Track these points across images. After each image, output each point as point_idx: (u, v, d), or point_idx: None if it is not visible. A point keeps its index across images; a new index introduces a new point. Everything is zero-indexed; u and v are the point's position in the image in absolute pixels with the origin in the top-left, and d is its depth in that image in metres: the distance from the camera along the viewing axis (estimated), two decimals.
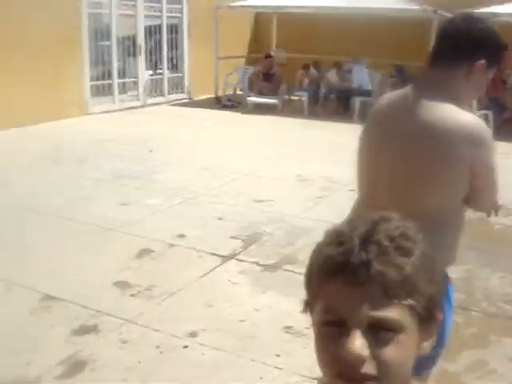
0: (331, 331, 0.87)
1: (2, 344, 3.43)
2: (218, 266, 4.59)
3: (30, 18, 9.71)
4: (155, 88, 13.34)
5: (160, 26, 13.23)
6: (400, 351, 0.85)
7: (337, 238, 0.89)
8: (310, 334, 3.16)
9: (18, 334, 3.55)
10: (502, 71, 11.54)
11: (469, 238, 5.42)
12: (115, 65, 11.97)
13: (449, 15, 11.52)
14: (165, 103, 13.23)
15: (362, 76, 12.22)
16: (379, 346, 0.84)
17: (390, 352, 0.84)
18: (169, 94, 13.62)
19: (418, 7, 11.96)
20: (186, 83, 13.98)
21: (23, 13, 9.61)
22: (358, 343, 0.83)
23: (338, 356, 0.85)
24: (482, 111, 10.81)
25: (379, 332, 0.84)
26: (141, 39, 12.55)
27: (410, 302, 0.85)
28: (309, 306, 0.94)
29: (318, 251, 0.92)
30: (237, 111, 12.49)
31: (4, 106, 9.23)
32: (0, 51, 9.24)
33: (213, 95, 13.47)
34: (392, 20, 12.42)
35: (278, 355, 3.38)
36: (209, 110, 12.49)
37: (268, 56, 13.57)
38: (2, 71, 9.38)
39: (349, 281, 0.85)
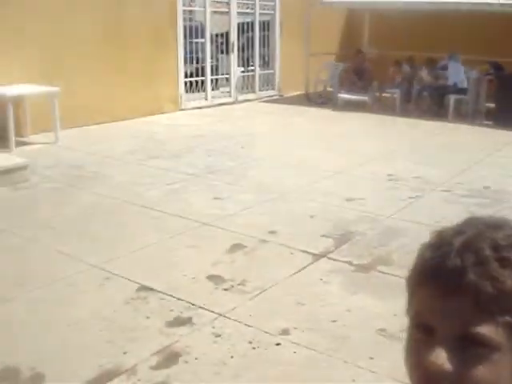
0: (419, 336, 0.82)
1: (100, 331, 3.55)
2: (309, 264, 4.57)
3: (129, 17, 10.04)
4: (246, 84, 13.45)
5: (252, 23, 13.32)
6: (490, 372, 0.77)
7: (438, 240, 0.84)
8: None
9: (115, 322, 3.67)
10: None
11: None
12: (209, 62, 12.16)
13: None
14: (255, 100, 13.33)
15: (457, 73, 11.83)
16: (466, 362, 0.77)
17: (479, 371, 0.77)
18: (260, 90, 13.71)
19: None
20: (277, 80, 14.01)
21: (122, 13, 9.95)
22: (441, 356, 0.77)
23: (421, 364, 0.80)
24: None
25: (468, 348, 0.77)
26: (234, 36, 12.69)
27: (507, 318, 0.77)
28: (407, 307, 0.89)
29: (419, 252, 0.87)
30: (327, 108, 12.40)
31: (107, 102, 9.61)
32: (108, 50, 9.63)
33: (303, 92, 13.45)
34: (489, 15, 11.94)
35: (371, 358, 3.32)
36: (299, 107, 12.47)
37: (359, 52, 13.38)
38: (112, 69, 9.77)
39: (441, 288, 0.79)
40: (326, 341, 3.49)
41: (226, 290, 4.12)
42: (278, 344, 3.44)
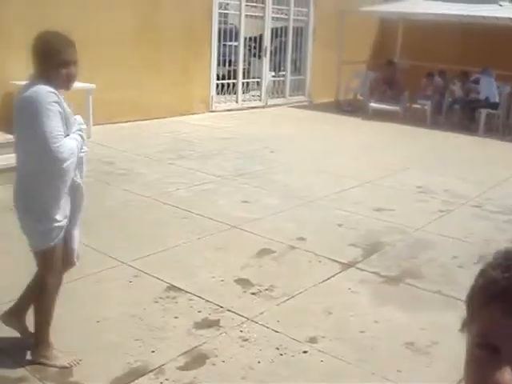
0: (483, 356, 0.82)
1: (129, 329, 3.57)
2: (338, 273, 4.55)
3: (164, 18, 10.12)
4: (277, 89, 13.47)
5: (286, 29, 13.33)
6: None
7: (506, 261, 0.84)
8: (433, 352, 3.05)
9: (144, 320, 3.69)
10: None
11: None
12: (241, 65, 12.20)
13: None
14: (285, 105, 13.33)
15: (490, 88, 11.72)
16: None
17: None
18: (290, 95, 13.71)
19: None
20: (307, 86, 14.01)
21: (158, 14, 10.04)
22: (508, 378, 0.78)
23: (486, 383, 0.80)
24: None
25: None
26: (267, 41, 12.71)
27: None
28: (466, 325, 0.89)
29: (484, 272, 0.87)
30: (357, 116, 12.37)
31: (140, 100, 9.70)
32: (143, 50, 9.71)
33: (333, 99, 13.42)
34: None
35: (399, 371, 3.30)
36: (328, 114, 12.45)
37: (390, 62, 13.33)
38: (146, 68, 9.85)
39: (509, 309, 0.79)
40: (354, 351, 3.48)
41: (253, 294, 4.12)
42: (305, 352, 3.43)
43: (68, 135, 2.93)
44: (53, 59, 2.85)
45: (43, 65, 2.88)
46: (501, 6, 12.57)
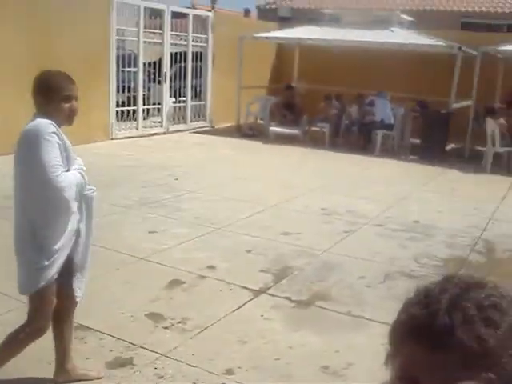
0: None
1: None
2: (249, 301, 4.54)
3: (62, 44, 9.86)
4: (178, 115, 13.42)
5: (185, 53, 13.34)
6: None
7: (425, 298, 0.88)
8: (349, 374, 3.09)
9: (53, 365, 3.50)
10: None
11: (498, 278, 5.39)
12: (141, 91, 12.07)
13: (473, 52, 11.61)
14: (187, 130, 13.31)
15: (384, 110, 12.23)
16: None
17: None
18: (191, 121, 13.70)
19: (442, 43, 12.02)
20: (209, 111, 14.06)
21: (56, 39, 9.77)
22: None
23: None
24: (506, 148, 10.79)
25: None
26: (166, 67, 12.66)
27: (490, 375, 0.81)
28: (389, 358, 0.91)
29: (405, 308, 0.90)
30: (258, 140, 12.53)
31: None
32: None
33: (234, 124, 13.54)
34: (416, 55, 12.48)
35: None
36: (230, 139, 12.54)
37: (289, 87, 13.65)
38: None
39: (430, 344, 0.82)
40: (272, 379, 3.46)
41: (166, 328, 4.02)
42: None
43: (68, 170, 2.91)
44: (55, 94, 2.89)
45: (45, 100, 2.93)
46: (392, 31, 13.20)
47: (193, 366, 3.54)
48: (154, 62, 12.96)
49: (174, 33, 12.95)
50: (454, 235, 6.55)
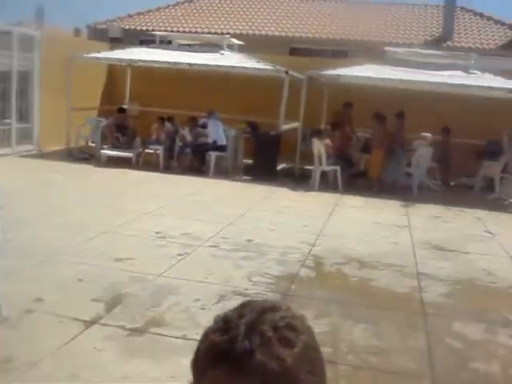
0: None
1: None
2: (81, 332, 4.36)
3: None
4: (2, 138, 12.65)
5: (10, 74, 12.62)
6: None
7: (224, 324, 0.89)
8: None
9: None
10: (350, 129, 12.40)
11: (328, 291, 5.68)
12: None
13: (299, 76, 12.25)
14: (11, 154, 12.59)
15: (217, 131, 12.47)
16: None
17: None
18: (16, 145, 12.98)
19: (271, 67, 12.54)
20: (36, 134, 13.41)
21: None
22: None
23: None
24: (331, 167, 11.45)
25: None
26: None
27: None
28: None
29: (205, 336, 0.91)
30: (90, 164, 12.19)
31: None
32: None
33: (64, 147, 13.04)
34: (247, 78, 12.89)
35: None
36: (60, 163, 12.05)
37: (121, 109, 13.48)
38: None
39: (232, 369, 0.84)
40: None
41: None
42: None
43: None
44: None
45: None
46: (222, 54, 13.54)
47: None
48: None
49: None
50: (285, 252, 6.81)
